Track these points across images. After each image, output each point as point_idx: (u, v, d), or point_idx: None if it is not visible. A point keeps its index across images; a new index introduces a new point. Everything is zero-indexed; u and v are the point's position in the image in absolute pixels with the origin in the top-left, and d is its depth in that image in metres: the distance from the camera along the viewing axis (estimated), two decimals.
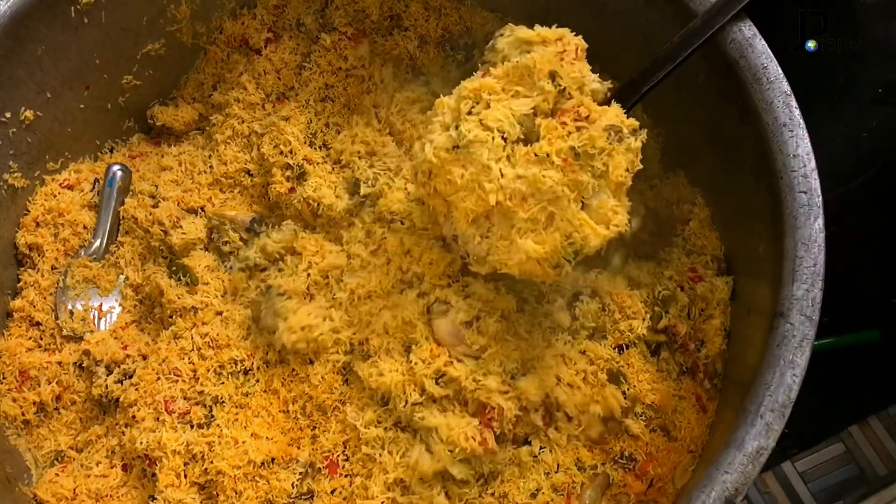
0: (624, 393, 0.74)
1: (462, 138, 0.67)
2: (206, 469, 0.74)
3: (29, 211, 0.85)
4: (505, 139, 0.67)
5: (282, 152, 0.84)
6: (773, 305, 0.62)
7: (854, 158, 1.00)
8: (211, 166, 0.88)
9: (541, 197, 0.66)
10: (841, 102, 1.02)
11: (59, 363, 0.81)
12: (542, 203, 0.66)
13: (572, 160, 0.66)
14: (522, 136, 0.67)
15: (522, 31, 0.71)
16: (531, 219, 0.66)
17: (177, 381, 0.78)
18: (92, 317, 0.85)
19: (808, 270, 0.61)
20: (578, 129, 0.67)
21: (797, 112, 0.66)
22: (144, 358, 0.81)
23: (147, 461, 0.75)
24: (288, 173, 0.84)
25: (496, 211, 0.67)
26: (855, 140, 1.02)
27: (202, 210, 0.86)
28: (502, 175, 0.66)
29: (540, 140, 0.66)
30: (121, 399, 0.78)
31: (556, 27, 0.71)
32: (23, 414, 0.80)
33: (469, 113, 0.68)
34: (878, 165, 0.99)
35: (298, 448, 0.75)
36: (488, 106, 0.68)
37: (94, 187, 0.88)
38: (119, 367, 0.81)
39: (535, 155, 0.66)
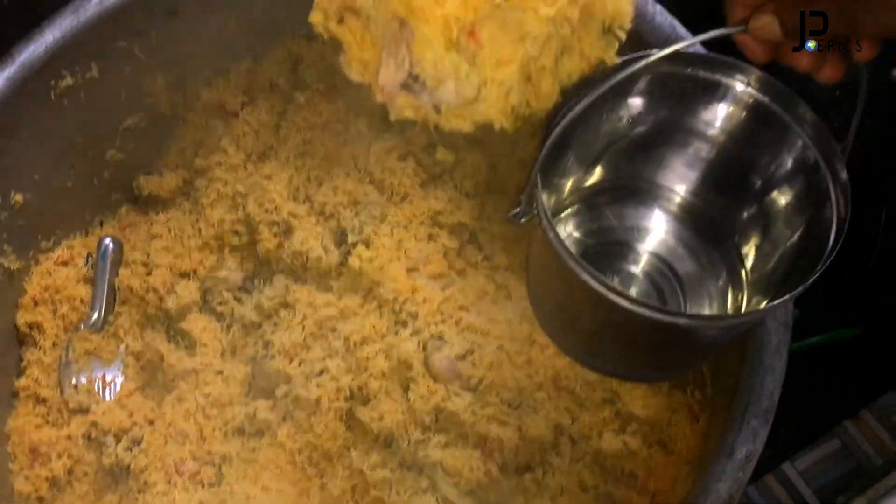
0: (618, 411, 0.76)
1: None
2: None
3: (26, 291, 0.87)
4: None
5: (267, 210, 0.87)
6: None
7: None
8: (199, 230, 0.91)
9: None
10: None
11: (68, 437, 0.83)
12: None
13: None
14: None
15: None
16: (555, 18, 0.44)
17: (184, 443, 0.80)
18: (97, 388, 0.86)
19: None
20: None
21: None
22: (151, 423, 0.83)
23: None
24: (275, 229, 0.87)
25: (495, 14, 0.45)
26: None
27: (195, 273, 0.89)
28: None
29: None
30: (131, 466, 0.80)
31: None
32: (36, 491, 0.81)
33: None
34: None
35: (308, 497, 0.77)
36: None
37: (87, 262, 0.90)
38: (127, 434, 0.83)
39: None
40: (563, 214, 0.66)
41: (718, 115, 0.59)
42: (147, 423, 0.83)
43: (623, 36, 0.49)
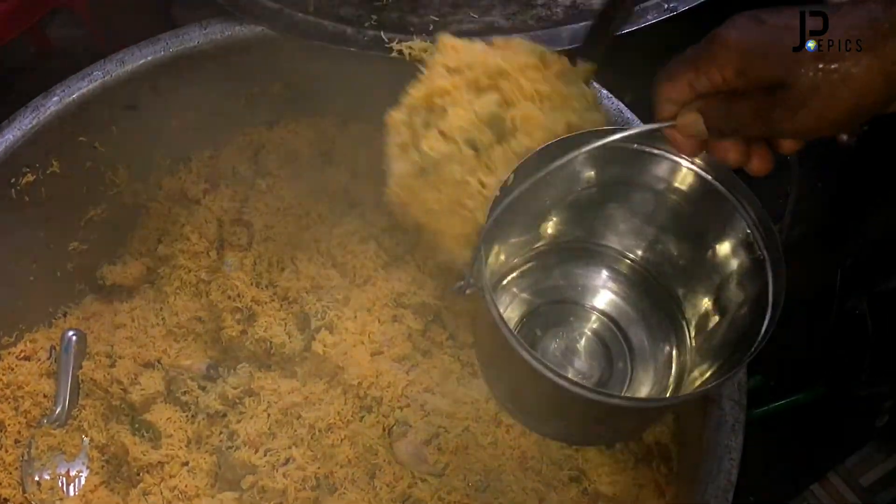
0: (585, 489, 0.76)
1: (426, 160, 0.59)
2: None
3: None
4: (476, 148, 0.59)
5: (230, 296, 0.88)
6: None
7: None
8: (163, 318, 0.91)
9: None
10: None
11: None
12: None
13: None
14: (496, 139, 0.59)
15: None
16: None
17: None
18: (60, 484, 0.85)
19: None
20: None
21: None
22: None
23: None
24: (238, 316, 0.87)
25: None
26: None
27: (159, 362, 0.89)
28: (483, 186, 0.58)
29: (517, 133, 0.59)
30: None
31: None
32: None
33: (427, 126, 0.61)
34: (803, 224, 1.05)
35: None
36: (445, 112, 0.60)
37: (50, 355, 0.90)
38: None
39: (514, 153, 0.58)
40: (512, 275, 0.68)
41: (664, 186, 0.62)
42: None
43: None
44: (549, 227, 0.68)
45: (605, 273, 0.69)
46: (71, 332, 0.90)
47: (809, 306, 1.00)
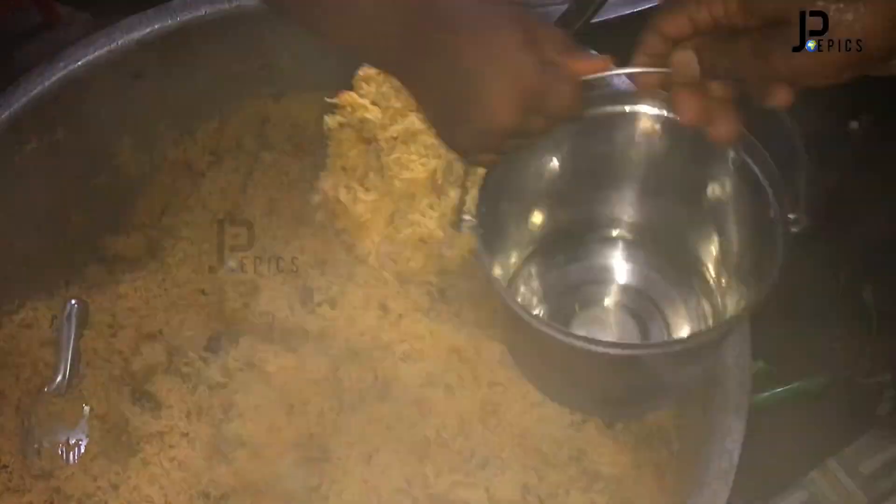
0: (585, 469, 0.76)
1: None
2: None
3: None
4: None
5: (233, 269, 0.87)
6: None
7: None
8: (165, 289, 0.90)
9: None
10: None
11: None
12: None
13: None
14: None
15: None
16: None
17: None
18: (60, 452, 0.85)
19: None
20: None
21: None
22: (115, 488, 0.82)
23: None
24: (241, 289, 0.87)
25: None
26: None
27: (160, 334, 0.89)
28: None
29: None
30: None
31: None
32: None
33: None
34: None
35: None
36: None
37: (52, 324, 0.90)
38: (90, 499, 0.81)
39: None
40: (518, 273, 0.67)
41: (643, 141, 0.61)
42: (111, 488, 0.82)
43: None
44: (540, 217, 0.67)
45: (610, 244, 0.68)
46: (73, 301, 0.90)
47: (814, 293, 0.99)
